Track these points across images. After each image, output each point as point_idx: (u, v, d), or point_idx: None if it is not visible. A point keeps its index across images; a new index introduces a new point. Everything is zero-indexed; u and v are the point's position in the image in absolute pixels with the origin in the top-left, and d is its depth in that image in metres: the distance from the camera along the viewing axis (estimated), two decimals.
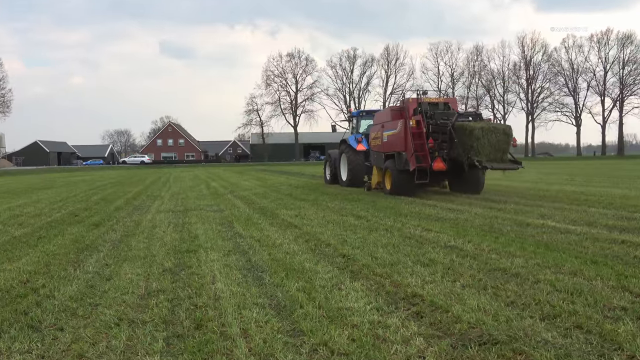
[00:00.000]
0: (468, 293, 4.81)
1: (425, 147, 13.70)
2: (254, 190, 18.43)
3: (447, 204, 12.25)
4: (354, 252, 6.69)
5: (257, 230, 8.90)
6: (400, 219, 9.75)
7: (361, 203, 12.80)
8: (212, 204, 13.67)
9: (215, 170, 50.38)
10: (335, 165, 20.85)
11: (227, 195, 16.47)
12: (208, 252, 7.01)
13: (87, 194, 19.10)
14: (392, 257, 6.38)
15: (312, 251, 6.96)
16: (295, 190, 18.07)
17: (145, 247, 7.55)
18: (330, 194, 15.70)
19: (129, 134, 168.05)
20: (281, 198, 14.93)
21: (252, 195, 16.13)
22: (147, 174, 44.44)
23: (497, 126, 13.58)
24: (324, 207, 12.27)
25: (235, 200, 14.80)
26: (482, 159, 13.04)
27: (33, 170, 63.53)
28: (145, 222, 10.36)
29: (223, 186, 21.94)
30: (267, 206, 12.73)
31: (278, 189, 19.09)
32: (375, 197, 14.20)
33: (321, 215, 10.62)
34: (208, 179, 30.26)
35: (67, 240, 8.28)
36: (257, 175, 33.64)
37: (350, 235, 8.10)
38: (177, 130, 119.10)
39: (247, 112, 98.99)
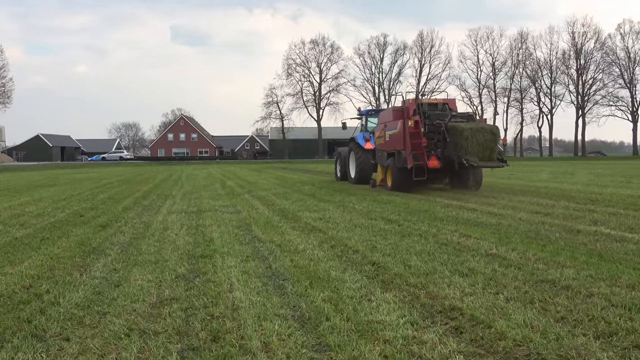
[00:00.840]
0: (513, 307, 4.76)
1: (425, 146, 15.77)
2: (274, 190, 18.51)
3: (487, 207, 12.15)
4: (385, 260, 6.68)
5: (278, 234, 8.94)
6: (436, 224, 9.70)
7: (392, 205, 12.77)
8: (228, 205, 13.76)
9: (231, 168, 50.72)
10: (344, 163, 23.20)
11: (245, 196, 16.56)
12: (224, 257, 7.05)
13: (92, 192, 19.38)
14: (427, 265, 6.35)
15: (338, 258, 6.96)
16: (318, 190, 18.09)
17: (156, 251, 7.63)
18: (357, 195, 15.69)
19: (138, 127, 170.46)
20: (303, 199, 14.97)
21: (272, 196, 16.20)
22: (157, 171, 44.93)
23: (484, 126, 15.65)
24: (351, 209, 12.27)
25: (253, 201, 14.88)
26: (471, 157, 15.09)
27: (34, 166, 64.66)
28: (156, 223, 10.47)
29: (240, 185, 22.08)
30: (288, 208, 12.77)
31: (300, 189, 19.14)
32: (407, 200, 14.15)
33: (348, 219, 10.62)
34: (223, 177, 30.47)
35: (72, 243, 8.41)
36: (277, 174, 33.75)
37: (381, 241, 8.08)
38: (190, 124, 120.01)
39: (266, 105, 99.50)
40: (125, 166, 68.31)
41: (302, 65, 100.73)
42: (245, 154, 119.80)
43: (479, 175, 16.86)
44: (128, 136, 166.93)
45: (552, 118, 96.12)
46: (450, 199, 14.14)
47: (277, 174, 33.35)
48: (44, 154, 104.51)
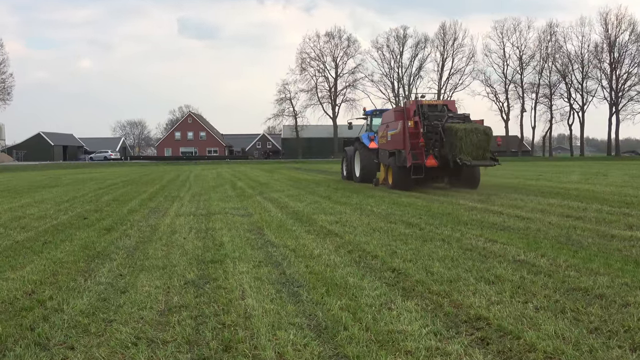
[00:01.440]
0: (543, 317, 4.73)
1: (423, 146, 17.60)
2: (287, 192, 18.55)
3: (514, 210, 12.10)
4: (406, 266, 6.67)
5: (292, 238, 8.96)
6: (460, 228, 9.67)
7: (412, 208, 12.75)
8: (239, 207, 13.82)
9: (242, 168, 50.89)
10: (350, 162, 25.23)
11: (256, 197, 16.62)
12: (236, 262, 7.08)
13: (96, 193, 19.54)
14: (451, 272, 6.33)
15: (356, 264, 6.97)
16: (334, 192, 18.10)
17: (164, 255, 7.68)
18: (375, 197, 15.69)
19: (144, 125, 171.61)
20: (318, 201, 14.99)
21: (285, 198, 16.24)
22: (164, 171, 45.19)
23: (478, 127, 17.36)
24: (369, 212, 12.27)
25: (266, 202, 14.92)
26: (464, 156, 16.85)
27: (36, 166, 65.24)
28: (163, 226, 10.54)
29: (251, 186, 22.16)
30: (302, 210, 12.80)
31: (314, 190, 19.17)
32: (429, 202, 14.13)
33: (366, 222, 10.63)
34: (233, 177, 30.58)
35: (75, 247, 8.48)
36: (290, 174, 33.81)
37: (401, 246, 8.07)
38: (198, 122, 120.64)
39: (278, 101, 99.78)
40: (131, 166, 68.77)
41: (316, 59, 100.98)
42: (256, 154, 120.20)
43: (476, 174, 18.70)
44: (133, 134, 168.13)
45: (583, 115, 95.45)
46: (475, 201, 14.09)
47: (290, 175, 33.42)
48: (45, 153, 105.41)
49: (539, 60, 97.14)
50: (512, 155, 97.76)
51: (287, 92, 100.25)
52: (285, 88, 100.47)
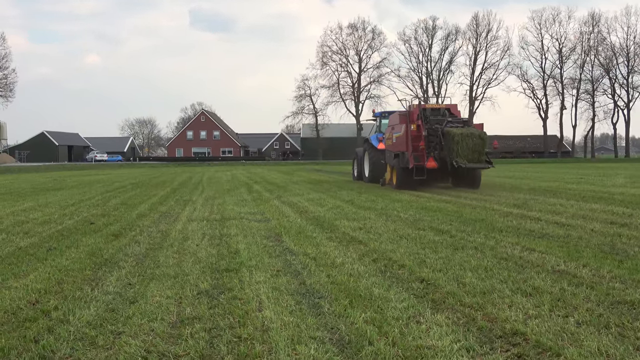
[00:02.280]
0: (585, 332, 4.70)
1: (424, 149, 19.82)
2: (307, 196, 18.58)
3: (553, 216, 12.01)
4: (436, 276, 6.65)
5: (312, 245, 8.97)
6: (494, 235, 9.62)
7: (442, 214, 12.70)
8: (255, 212, 13.87)
9: (258, 170, 51.04)
10: (360, 162, 27.81)
11: (274, 201, 16.67)
12: (252, 271, 7.11)
13: (104, 196, 19.72)
14: (485, 283, 6.31)
15: (381, 273, 6.96)
16: (357, 196, 18.10)
17: (175, 263, 7.73)
18: (402, 202, 15.66)
19: (154, 124, 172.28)
20: (340, 206, 15.00)
21: (305, 202, 16.27)
22: (175, 173, 45.47)
23: (474, 132, 19.68)
24: (395, 217, 12.25)
25: (284, 207, 14.97)
26: (460, 159, 19.14)
27: (39, 167, 65.99)
28: (175, 232, 10.61)
29: (268, 190, 22.23)
30: (323, 215, 12.82)
31: (336, 194, 19.18)
32: (460, 207, 14.07)
33: (392, 228, 10.61)
34: (249, 180, 30.69)
35: (82, 253, 8.57)
36: (310, 177, 33.85)
37: (430, 254, 8.05)
38: (212, 120, 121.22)
39: (297, 98, 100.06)
40: (140, 168, 69.29)
41: (338, 53, 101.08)
42: (274, 154, 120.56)
43: (477, 175, 20.92)
44: (142, 134, 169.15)
45: (628, 113, 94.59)
46: (510, 206, 14.01)
47: (310, 177, 33.46)
48: (49, 154, 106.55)
49: (580, 53, 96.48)
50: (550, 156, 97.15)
51: (307, 88, 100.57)
52: (305, 84, 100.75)
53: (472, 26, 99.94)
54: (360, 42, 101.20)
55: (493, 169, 23.00)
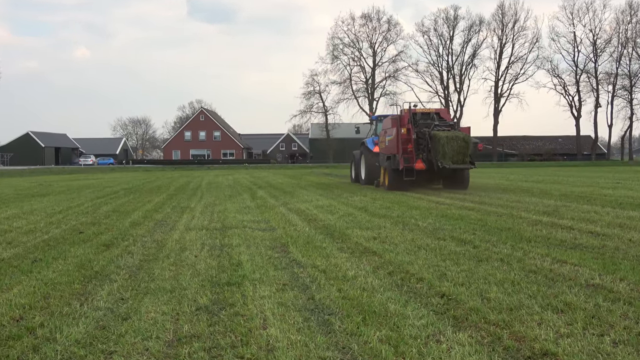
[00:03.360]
0: (622, 352, 4.68)
1: (413, 151, 23.17)
2: (316, 202, 18.60)
3: (587, 225, 11.96)
4: (457, 291, 6.64)
5: (322, 257, 8.98)
6: (521, 246, 9.60)
7: (464, 222, 12.68)
8: (259, 220, 13.90)
9: (263, 174, 51.08)
10: (358, 165, 31.16)
11: (280, 209, 16.70)
12: (256, 285, 7.12)
13: (94, 203, 19.79)
14: (511, 298, 6.29)
15: (398, 287, 6.95)
16: (371, 203, 18.10)
17: (172, 276, 7.75)
18: (421, 209, 15.65)
19: (148, 124, 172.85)
20: (353, 213, 15.01)
21: (313, 209, 16.29)
22: (172, 177, 45.56)
23: (458, 135, 23.00)
24: (413, 226, 12.24)
25: (291, 215, 14.99)
26: (445, 160, 22.36)
27: (24, 171, 66.23)
28: (172, 242, 10.63)
29: (273, 196, 22.26)
30: (334, 224, 12.82)
31: (348, 200, 19.20)
32: (484, 215, 14.04)
33: (409, 238, 10.61)
34: (253, 185, 30.72)
35: (70, 265, 8.59)
36: (319, 181, 33.86)
37: (452, 266, 8.04)
38: (212, 119, 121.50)
39: (305, 95, 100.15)
40: (134, 171, 69.47)
41: (351, 45, 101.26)
42: (279, 157, 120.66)
43: (465, 176, 24.34)
44: (136, 134, 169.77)
45: None
46: (539, 214, 13.96)
47: (319, 182, 33.47)
48: (35, 156, 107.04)
49: (616, 45, 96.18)
50: (584, 158, 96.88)
51: (316, 84, 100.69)
52: (314, 80, 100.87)
53: (497, 16, 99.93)
54: (374, 34, 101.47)
55: (520, 173, 24.41)
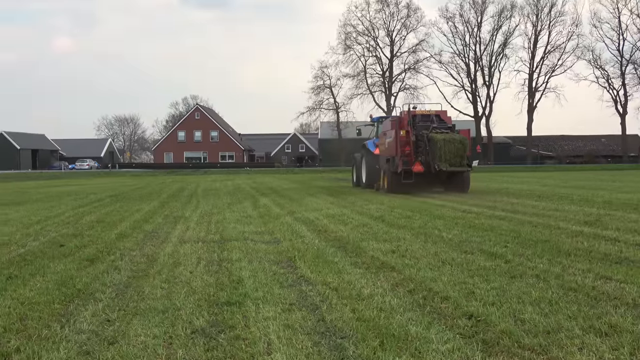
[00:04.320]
0: None
1: (411, 153, 26.09)
2: (326, 211, 18.62)
3: (635, 236, 11.92)
4: (487, 311, 6.63)
5: (333, 272, 8.97)
6: (560, 260, 9.57)
7: (495, 233, 12.65)
8: (262, 231, 13.92)
9: (266, 179, 51.13)
10: (359, 168, 34.01)
11: (286, 218, 16.71)
12: (259, 305, 7.12)
13: (76, 212, 19.85)
14: (549, 320, 6.27)
15: (419, 307, 6.95)
16: (389, 212, 18.09)
17: (164, 295, 7.76)
18: (445, 219, 15.62)
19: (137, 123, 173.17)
20: (368, 223, 15.01)
21: (324, 219, 16.30)
22: (164, 183, 45.64)
23: (455, 137, 25.83)
24: (436, 237, 12.23)
25: (298, 225, 15.00)
26: (442, 163, 25.13)
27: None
28: (164, 257, 10.65)
29: (278, 204, 22.30)
30: (346, 235, 12.82)
31: (363, 209, 19.20)
32: (517, 225, 14.00)
33: (432, 252, 10.59)
34: (255, 192, 30.76)
35: (49, 283, 8.61)
36: (330, 188, 33.91)
37: (481, 284, 8.03)
38: (209, 118, 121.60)
39: (314, 90, 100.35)
40: (121, 176, 69.62)
41: (365, 34, 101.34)
42: (285, 160, 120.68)
43: (466, 179, 27.02)
44: (123, 135, 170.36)
45: None
46: (580, 224, 13.92)
47: (330, 188, 33.52)
48: (9, 159, 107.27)
49: None
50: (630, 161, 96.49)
51: (326, 77, 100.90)
52: (324, 72, 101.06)
53: (531, 0, 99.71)
54: (392, 21, 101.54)
55: (558, 177, 24.49)
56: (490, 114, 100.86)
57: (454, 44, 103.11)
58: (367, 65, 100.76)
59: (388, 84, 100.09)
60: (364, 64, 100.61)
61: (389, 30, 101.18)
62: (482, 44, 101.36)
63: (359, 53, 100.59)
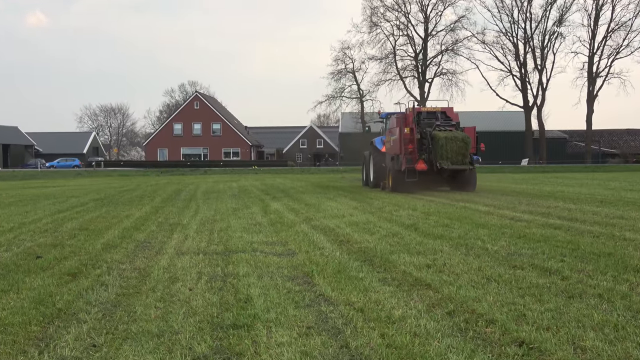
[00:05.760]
0: None
1: (414, 151, 29.71)
2: (349, 218, 18.63)
3: None
4: (541, 337, 6.61)
5: (358, 290, 8.97)
6: (626, 277, 9.53)
7: (549, 245, 12.60)
8: (274, 242, 13.94)
9: (277, 180, 51.15)
10: (367, 167, 38.17)
11: (301, 226, 16.73)
12: (271, 328, 7.13)
13: (55, 218, 19.93)
14: (614, 348, 6.26)
15: (461, 332, 6.94)
16: (425, 219, 18.05)
17: (159, 316, 7.78)
18: (490, 227, 15.56)
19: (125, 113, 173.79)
20: (399, 232, 15.00)
21: (346, 227, 16.30)
22: (158, 185, 45.73)
23: (457, 135, 29.48)
24: (480, 250, 12.20)
25: (316, 234, 15.02)
26: (443, 161, 28.85)
27: None
28: (158, 271, 10.67)
29: (292, 209, 22.33)
30: (373, 247, 12.81)
31: (392, 215, 19.19)
32: (575, 236, 13.95)
33: (475, 266, 10.58)
34: (265, 195, 30.77)
35: (25, 301, 8.64)
36: (353, 190, 33.91)
37: (533, 304, 8.01)
38: (210, 108, 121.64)
39: (334, 76, 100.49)
40: (107, 176, 69.85)
41: (395, 9, 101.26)
42: (300, 157, 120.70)
43: (472, 178, 30.79)
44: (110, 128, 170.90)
45: None
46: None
47: (353, 190, 33.49)
48: None
49: None
50: None
51: (349, 60, 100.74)
52: (346, 55, 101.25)
53: None
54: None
55: (624, 179, 24.83)
56: (542, 104, 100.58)
57: (499, 20, 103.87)
58: (397, 46, 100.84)
59: (421, 68, 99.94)
60: (393, 44, 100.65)
61: (422, 5, 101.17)
62: (534, 21, 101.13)
63: (388, 32, 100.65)
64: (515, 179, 47.67)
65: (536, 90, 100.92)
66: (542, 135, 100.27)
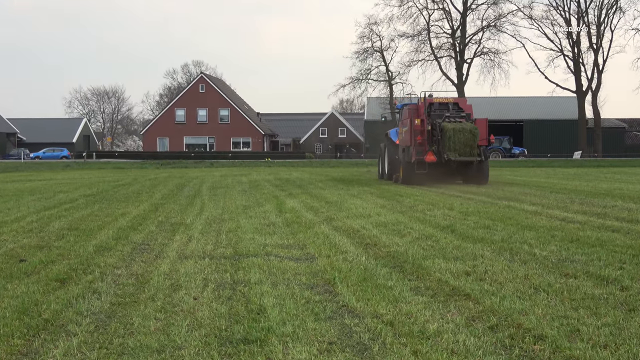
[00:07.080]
0: None
1: (424, 142, 32.99)
2: (376, 218, 18.62)
3: None
4: (598, 356, 6.60)
5: (387, 301, 8.96)
6: None
7: (606, 250, 12.54)
8: (290, 245, 13.95)
9: (294, 174, 51.16)
10: (383, 159, 42.73)
11: (321, 227, 16.73)
12: (288, 344, 7.13)
13: (40, 217, 19.99)
14: None
15: (505, 350, 6.94)
16: (463, 219, 18.02)
17: (160, 328, 7.79)
18: (538, 229, 15.50)
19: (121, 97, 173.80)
20: (433, 235, 14.99)
21: (372, 228, 16.29)
22: (157, 178, 45.82)
23: (465, 127, 33.04)
24: (526, 255, 12.17)
25: (338, 236, 15.01)
26: (451, 153, 32.31)
27: None
28: (158, 277, 10.68)
29: (311, 207, 22.36)
30: (404, 251, 12.80)
31: (425, 215, 19.19)
32: (636, 239, 13.87)
33: (521, 274, 10.55)
34: (279, 191, 30.79)
35: (6, 310, 8.67)
36: (380, 186, 33.88)
37: (588, 318, 7.98)
38: (217, 91, 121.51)
39: (359, 55, 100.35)
40: (99, 169, 70.07)
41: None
42: (320, 148, 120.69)
43: (484, 170, 34.31)
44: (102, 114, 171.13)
45: None
46: None
47: (380, 187, 33.51)
48: None
49: None
50: None
51: (376, 38, 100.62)
52: (373, 31, 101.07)
53: None
54: None
55: None
56: (598, 88, 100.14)
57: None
58: (432, 21, 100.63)
59: (459, 46, 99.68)
60: (427, 19, 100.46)
61: None
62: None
63: (421, 5, 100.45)
64: (566, 175, 47.55)
65: (591, 72, 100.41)
66: (597, 124, 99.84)
